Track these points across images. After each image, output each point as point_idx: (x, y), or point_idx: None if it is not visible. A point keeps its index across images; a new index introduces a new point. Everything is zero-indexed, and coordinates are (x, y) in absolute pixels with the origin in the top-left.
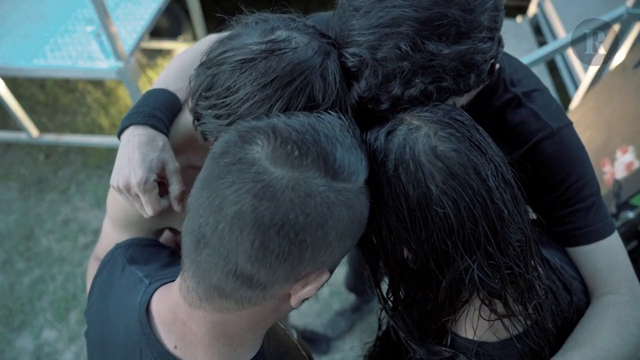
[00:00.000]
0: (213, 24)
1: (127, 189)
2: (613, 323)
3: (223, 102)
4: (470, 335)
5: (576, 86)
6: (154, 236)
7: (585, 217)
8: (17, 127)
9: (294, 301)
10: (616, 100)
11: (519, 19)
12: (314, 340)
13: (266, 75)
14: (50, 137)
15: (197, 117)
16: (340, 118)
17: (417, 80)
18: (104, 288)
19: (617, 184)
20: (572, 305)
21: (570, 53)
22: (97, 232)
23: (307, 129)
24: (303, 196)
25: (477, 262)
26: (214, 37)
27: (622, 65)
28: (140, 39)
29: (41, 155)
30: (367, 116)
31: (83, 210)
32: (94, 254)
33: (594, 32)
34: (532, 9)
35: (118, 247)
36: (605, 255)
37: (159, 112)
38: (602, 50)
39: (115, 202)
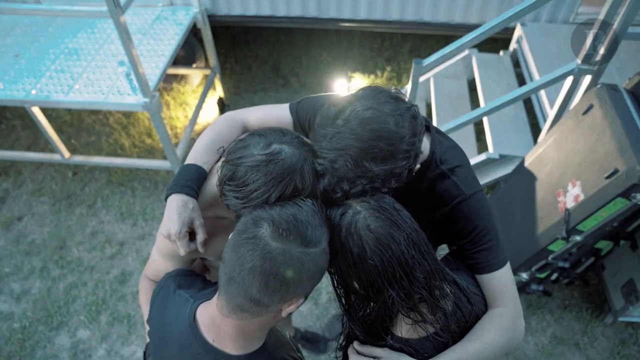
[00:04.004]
0: (223, 49)
1: (169, 236)
2: (497, 327)
3: (240, 190)
4: (400, 334)
5: (544, 118)
6: (190, 263)
7: (486, 255)
8: (48, 146)
9: (284, 314)
10: (569, 140)
11: (501, 53)
12: (313, 340)
13: (266, 176)
14: (79, 158)
15: (223, 194)
16: (313, 204)
17: (358, 182)
18: (161, 304)
19: (567, 212)
20: (472, 313)
21: (542, 92)
22: (122, 243)
23: (291, 219)
24: (288, 258)
25: (395, 291)
26: (227, 117)
27: (575, 110)
28: (163, 74)
29: (69, 172)
30: (329, 199)
31: (108, 223)
32: (143, 273)
33: (555, 81)
34: (513, 45)
35: (169, 276)
36: (498, 281)
37: (191, 182)
38: (561, 96)
39: (164, 242)
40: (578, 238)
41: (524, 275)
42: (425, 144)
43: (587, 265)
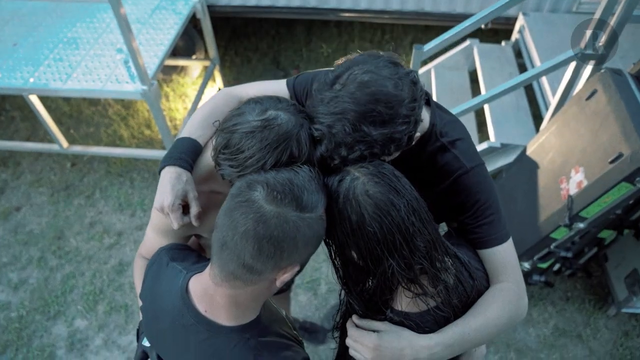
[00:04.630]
0: (223, 41)
1: (162, 209)
2: (499, 302)
3: (235, 157)
4: (400, 308)
5: (547, 106)
6: (185, 240)
7: (488, 229)
8: (47, 137)
9: (278, 283)
10: (572, 127)
11: (503, 43)
12: (312, 331)
13: (262, 142)
14: (78, 148)
15: (217, 164)
16: (310, 170)
17: (356, 148)
18: (154, 277)
19: (570, 199)
20: (474, 288)
21: (544, 80)
22: (120, 234)
23: (286, 182)
24: (282, 222)
25: (395, 261)
26: (225, 92)
27: (578, 96)
28: (161, 63)
29: (68, 163)
30: (327, 166)
31: (107, 213)
32: (138, 252)
33: (557, 66)
34: (515, 35)
35: (162, 249)
36: (500, 256)
37: (185, 155)
38: (564, 82)
39: (158, 217)
40: (581, 225)
41: (526, 265)
42: (425, 116)
43: (590, 255)
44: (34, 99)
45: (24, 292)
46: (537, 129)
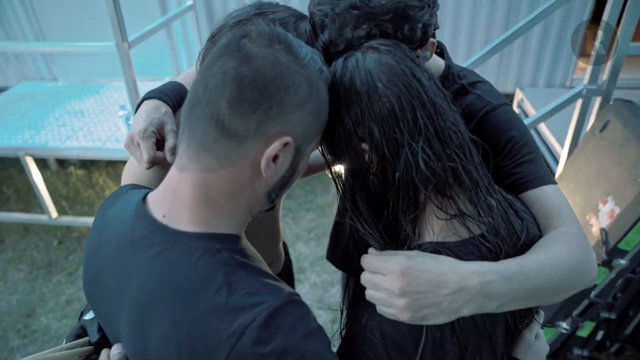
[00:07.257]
0: None
1: (132, 139)
2: (563, 244)
3: None
4: (432, 237)
5: (556, 160)
6: None
7: (528, 168)
8: (39, 211)
9: (264, 166)
10: (591, 162)
11: None
12: None
13: None
14: (67, 219)
15: None
16: (310, 48)
17: (364, 26)
18: (108, 205)
19: (603, 232)
20: (523, 228)
21: (546, 132)
22: None
23: (282, 31)
24: (271, 61)
25: (421, 147)
26: None
27: (591, 132)
28: None
29: (55, 241)
30: (332, 58)
31: None
32: None
33: (563, 106)
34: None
35: (123, 185)
36: (551, 196)
37: (166, 91)
38: (572, 124)
39: (129, 168)
40: (622, 262)
41: (564, 325)
42: (439, 60)
43: (637, 321)
44: (30, 162)
45: None
46: None
